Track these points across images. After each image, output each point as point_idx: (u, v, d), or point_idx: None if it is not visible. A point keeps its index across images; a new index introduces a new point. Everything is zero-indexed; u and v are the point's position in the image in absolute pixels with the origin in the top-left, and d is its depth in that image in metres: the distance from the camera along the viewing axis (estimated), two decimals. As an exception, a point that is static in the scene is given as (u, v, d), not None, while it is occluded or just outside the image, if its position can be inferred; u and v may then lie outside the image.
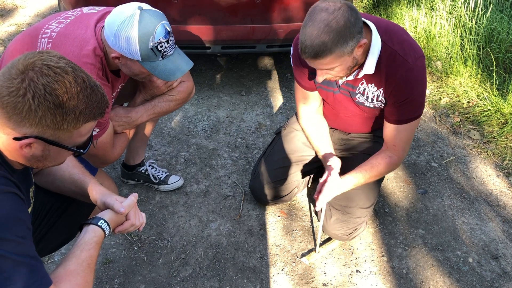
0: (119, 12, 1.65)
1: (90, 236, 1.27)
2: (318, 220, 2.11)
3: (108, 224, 1.33)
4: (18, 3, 4.78)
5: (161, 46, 1.68)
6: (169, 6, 2.83)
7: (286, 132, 2.33)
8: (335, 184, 1.92)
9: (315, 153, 2.17)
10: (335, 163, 1.96)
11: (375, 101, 1.88)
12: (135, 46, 1.64)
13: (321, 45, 1.55)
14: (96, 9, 1.83)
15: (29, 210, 1.31)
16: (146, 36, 1.64)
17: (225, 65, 3.76)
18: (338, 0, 1.58)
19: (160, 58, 1.71)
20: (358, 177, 1.95)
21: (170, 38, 1.70)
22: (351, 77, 1.83)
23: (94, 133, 1.75)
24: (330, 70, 1.67)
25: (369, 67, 1.76)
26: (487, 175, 2.70)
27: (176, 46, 1.79)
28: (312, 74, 1.95)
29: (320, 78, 1.72)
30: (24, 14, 4.56)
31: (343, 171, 1.98)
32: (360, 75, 1.80)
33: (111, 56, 1.70)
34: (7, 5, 4.74)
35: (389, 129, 1.91)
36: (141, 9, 1.65)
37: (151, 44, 1.65)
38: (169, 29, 1.70)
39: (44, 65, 1.05)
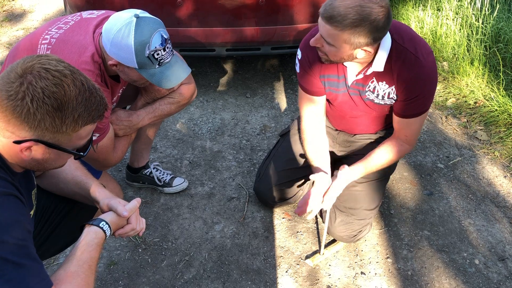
0: (115, 20, 1.65)
1: (91, 238, 1.28)
2: (323, 222, 2.11)
3: (109, 226, 1.33)
4: (26, 8, 4.83)
5: (158, 54, 1.68)
6: (173, 8, 2.85)
7: (292, 134, 2.32)
8: (345, 178, 1.91)
9: (310, 166, 2.10)
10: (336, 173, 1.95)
11: (386, 98, 1.86)
12: (131, 54, 1.64)
13: (340, 16, 1.53)
14: (95, 14, 1.83)
15: (32, 212, 1.32)
16: (142, 45, 1.64)
17: (230, 67, 3.76)
18: (386, 2, 1.57)
19: (157, 66, 1.71)
20: (367, 165, 1.94)
21: (167, 45, 1.70)
22: (360, 76, 1.82)
23: (94, 137, 1.76)
24: (326, 42, 1.64)
25: (379, 64, 1.75)
26: (494, 176, 2.67)
27: (174, 53, 1.78)
28: (322, 76, 1.93)
29: (313, 42, 1.69)
30: (32, 18, 4.60)
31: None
32: (369, 72, 1.78)
33: (108, 63, 1.71)
34: (16, 10, 4.79)
35: (399, 122, 1.91)
36: (137, 16, 1.64)
37: (147, 52, 1.65)
38: (165, 37, 1.69)
39: (42, 69, 1.06)
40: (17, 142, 1.08)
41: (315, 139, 2.06)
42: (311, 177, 1.95)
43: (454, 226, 2.34)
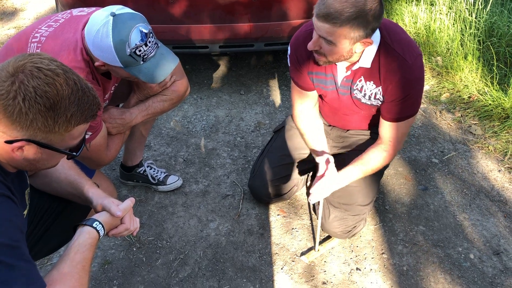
0: (93, 21, 1.62)
1: (85, 238, 1.27)
2: (318, 218, 2.10)
3: (102, 226, 1.32)
4: (18, 6, 4.79)
5: (140, 51, 1.64)
6: (165, 5, 2.83)
7: (286, 129, 2.32)
8: (332, 179, 1.90)
9: (310, 151, 2.15)
10: (330, 160, 1.95)
11: (372, 98, 1.86)
12: (113, 54, 1.62)
13: (337, 12, 1.52)
14: (85, 11, 1.81)
15: (25, 212, 1.31)
16: (122, 44, 1.61)
17: (224, 64, 3.75)
18: None
19: (142, 62, 1.68)
20: (354, 172, 1.93)
21: (149, 39, 1.66)
22: (348, 72, 1.82)
23: (86, 136, 1.74)
24: (326, 41, 1.63)
25: (366, 60, 1.75)
26: (488, 170, 2.68)
27: (159, 45, 1.74)
28: (310, 73, 1.93)
29: (311, 46, 1.68)
30: (24, 17, 4.56)
31: (340, 168, 1.97)
32: (355, 67, 1.78)
33: (95, 64, 1.69)
34: (7, 8, 4.75)
35: (385, 126, 1.90)
36: (113, 15, 1.60)
37: (128, 50, 1.62)
38: (146, 31, 1.65)
39: (34, 68, 1.05)
40: (9, 142, 1.07)
41: (309, 121, 2.09)
42: (317, 159, 1.98)
43: (449, 221, 2.34)
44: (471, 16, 3.64)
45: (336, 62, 1.76)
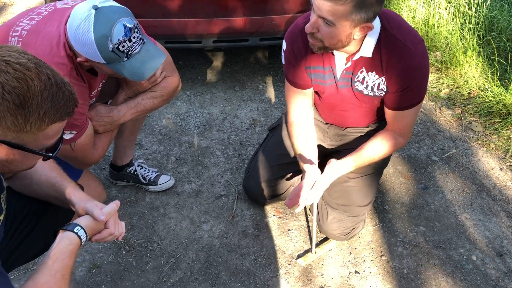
0: (75, 14, 1.52)
1: (65, 244, 1.19)
2: (313, 220, 2.03)
3: (85, 231, 1.24)
4: (7, 0, 4.69)
5: (123, 46, 1.54)
6: (157, -1, 2.74)
7: (282, 128, 2.24)
8: (334, 168, 1.81)
9: (297, 156, 1.99)
10: (314, 170, 1.84)
11: (375, 89, 1.78)
12: (95, 50, 1.51)
13: None
14: (70, 4, 1.70)
15: (1, 218, 1.22)
16: (104, 39, 1.50)
17: (218, 60, 3.67)
18: None
19: (125, 58, 1.57)
20: (360, 156, 1.84)
21: (133, 35, 1.55)
22: (349, 63, 1.74)
23: (71, 135, 1.65)
24: (325, 23, 1.53)
25: (367, 49, 1.67)
26: (489, 168, 2.61)
27: (145, 40, 1.64)
28: (308, 68, 1.85)
29: (309, 27, 1.58)
30: (13, 11, 4.46)
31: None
32: (356, 57, 1.70)
33: (78, 60, 1.59)
34: (-4, 3, 4.64)
35: (392, 115, 1.82)
36: (96, 8, 1.50)
37: (111, 46, 1.52)
38: (130, 26, 1.54)
39: (2, 61, 0.96)
40: None
41: (303, 132, 1.97)
42: (304, 166, 1.86)
43: (450, 221, 2.27)
44: (471, 10, 3.56)
45: (332, 50, 1.68)
